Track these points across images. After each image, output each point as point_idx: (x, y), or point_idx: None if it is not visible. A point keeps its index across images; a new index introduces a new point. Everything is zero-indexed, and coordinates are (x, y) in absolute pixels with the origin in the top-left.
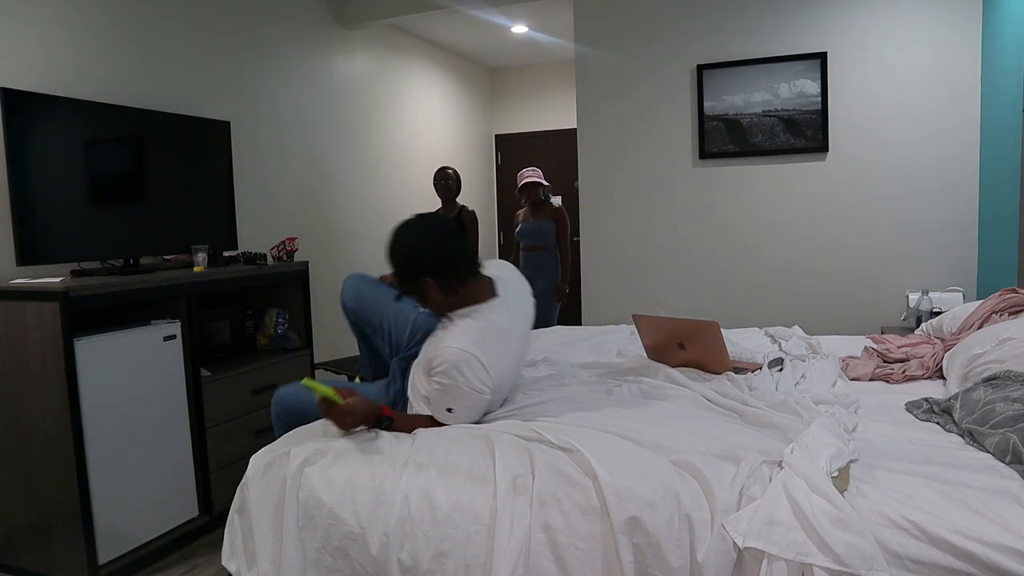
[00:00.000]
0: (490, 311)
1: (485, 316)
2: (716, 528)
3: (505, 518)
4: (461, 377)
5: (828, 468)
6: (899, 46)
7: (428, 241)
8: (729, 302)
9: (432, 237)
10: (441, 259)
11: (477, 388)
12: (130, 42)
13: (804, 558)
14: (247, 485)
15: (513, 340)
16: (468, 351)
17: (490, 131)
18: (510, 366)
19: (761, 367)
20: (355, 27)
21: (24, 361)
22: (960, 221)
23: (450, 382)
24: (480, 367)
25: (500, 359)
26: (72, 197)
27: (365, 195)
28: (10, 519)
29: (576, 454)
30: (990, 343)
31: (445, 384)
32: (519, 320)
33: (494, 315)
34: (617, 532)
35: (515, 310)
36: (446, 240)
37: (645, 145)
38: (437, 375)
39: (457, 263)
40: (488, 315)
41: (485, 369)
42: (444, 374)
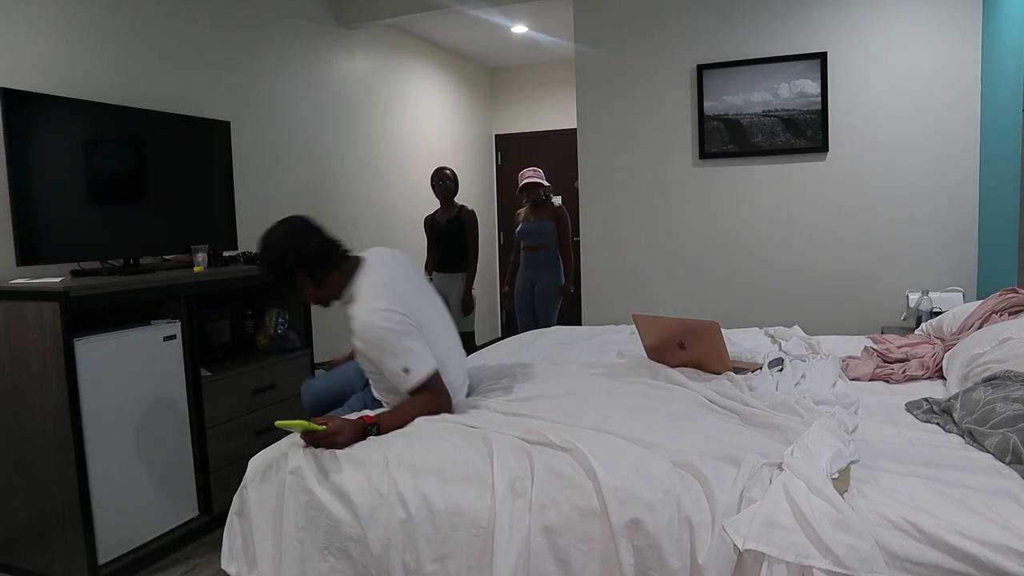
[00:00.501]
0: (366, 275)
1: (365, 280)
2: (716, 530)
3: (504, 521)
4: (382, 329)
5: (828, 469)
6: (899, 46)
7: (295, 241)
8: (729, 302)
9: (298, 237)
10: (309, 257)
11: (400, 327)
12: (130, 42)
13: (804, 560)
14: (246, 488)
15: (408, 288)
16: (367, 308)
17: (490, 131)
18: (420, 308)
19: (761, 367)
20: (355, 27)
21: (24, 361)
22: (960, 221)
23: (380, 342)
24: (386, 311)
25: (403, 301)
26: (72, 197)
27: (365, 195)
28: (10, 519)
29: (576, 453)
30: (990, 343)
31: (379, 346)
32: (404, 273)
33: (371, 275)
34: (617, 534)
35: (393, 266)
36: (311, 237)
37: (645, 145)
38: (369, 346)
39: (326, 257)
40: (366, 278)
41: (392, 309)
42: (370, 340)
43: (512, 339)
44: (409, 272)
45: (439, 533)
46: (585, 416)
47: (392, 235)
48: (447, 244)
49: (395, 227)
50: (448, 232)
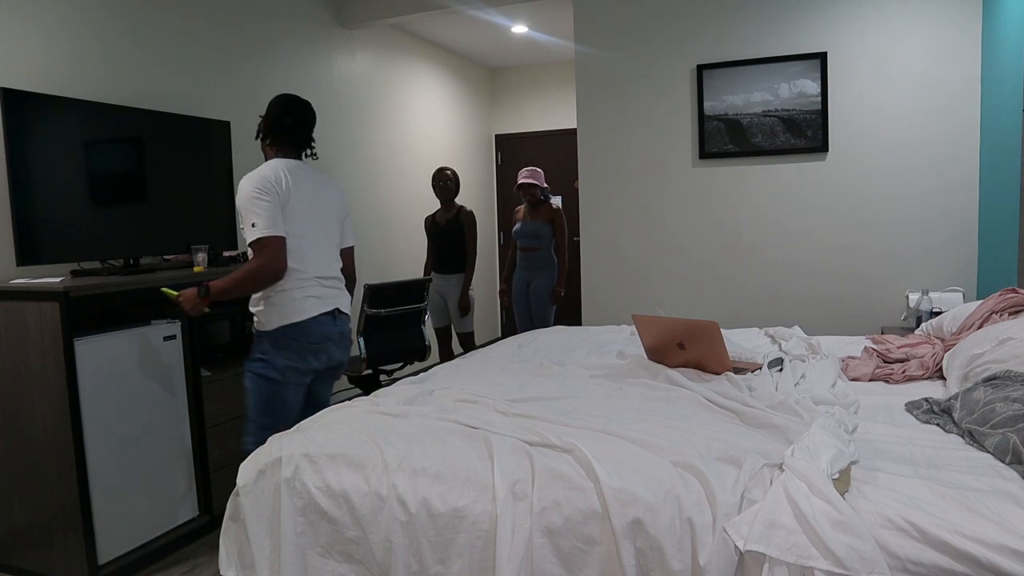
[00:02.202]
0: (272, 166)
1: (269, 164)
2: (718, 531)
3: (506, 524)
4: (249, 191)
5: (829, 470)
6: (899, 46)
7: (276, 111)
8: (729, 302)
9: (281, 110)
10: (272, 127)
11: (263, 194)
12: (130, 42)
13: (805, 561)
14: (239, 493)
15: (299, 187)
16: (249, 176)
17: (490, 131)
18: (301, 203)
19: (761, 367)
20: (355, 27)
21: (24, 361)
22: (960, 221)
23: (244, 201)
24: (260, 179)
25: (278, 183)
26: (72, 197)
27: (365, 195)
28: (10, 519)
29: (577, 454)
30: (990, 343)
31: (242, 205)
32: (308, 182)
33: (275, 163)
34: (619, 535)
35: (297, 172)
36: (287, 117)
37: (645, 145)
38: (239, 207)
39: (278, 135)
40: (271, 167)
41: (265, 179)
42: (240, 200)
43: (511, 339)
44: (311, 183)
45: (441, 536)
46: (585, 417)
47: (392, 235)
48: (446, 245)
49: (395, 227)
50: (447, 233)
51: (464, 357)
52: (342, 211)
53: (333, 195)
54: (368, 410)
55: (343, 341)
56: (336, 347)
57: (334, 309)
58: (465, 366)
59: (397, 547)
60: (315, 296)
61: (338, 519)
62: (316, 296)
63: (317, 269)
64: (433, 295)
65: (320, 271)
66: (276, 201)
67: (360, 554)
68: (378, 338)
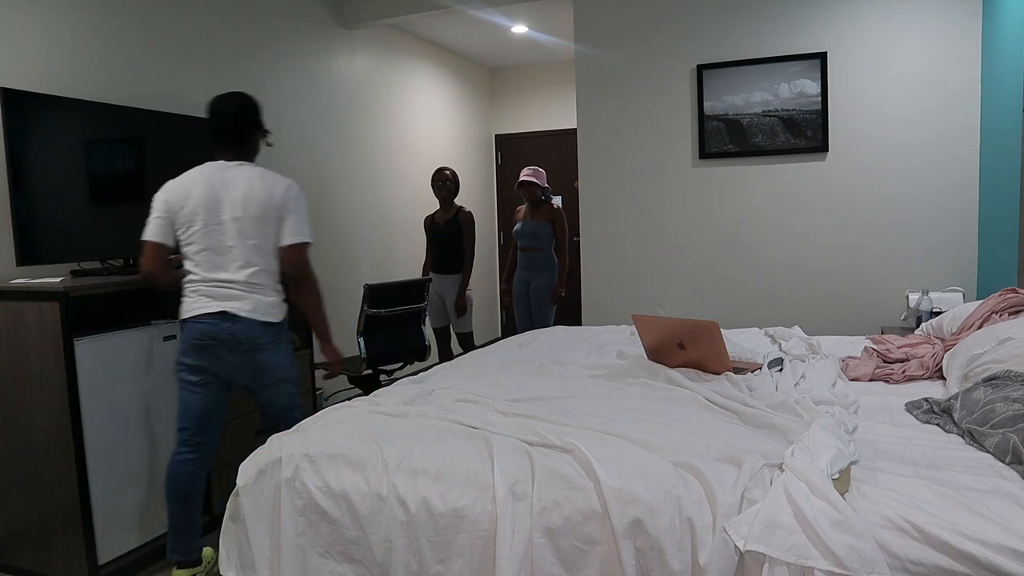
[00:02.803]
0: (182, 176)
1: (179, 178)
2: (718, 531)
3: (506, 524)
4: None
5: (829, 470)
6: (899, 46)
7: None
8: (729, 302)
9: (211, 114)
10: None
11: (153, 203)
12: (130, 42)
13: (805, 561)
14: (239, 494)
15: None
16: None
17: (490, 131)
18: (189, 210)
19: (761, 367)
20: (355, 27)
21: (24, 361)
22: (960, 221)
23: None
24: (161, 192)
25: (167, 198)
26: (72, 197)
27: (365, 195)
28: (10, 519)
29: (577, 454)
30: (990, 343)
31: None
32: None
33: (176, 181)
34: (619, 535)
35: (206, 178)
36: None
37: (645, 145)
38: None
39: (212, 138)
40: (180, 178)
41: (155, 197)
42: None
43: (511, 339)
44: (225, 186)
45: (441, 536)
46: (585, 417)
47: (392, 235)
48: (444, 245)
49: (395, 227)
50: (446, 233)
51: (464, 357)
52: (267, 210)
53: (257, 195)
54: (368, 410)
55: (240, 345)
56: (229, 350)
57: (221, 311)
58: (465, 366)
59: (397, 547)
60: (206, 296)
61: (338, 519)
62: (207, 296)
63: (209, 272)
64: (432, 295)
65: (213, 275)
66: (161, 211)
67: (360, 554)
68: (378, 338)
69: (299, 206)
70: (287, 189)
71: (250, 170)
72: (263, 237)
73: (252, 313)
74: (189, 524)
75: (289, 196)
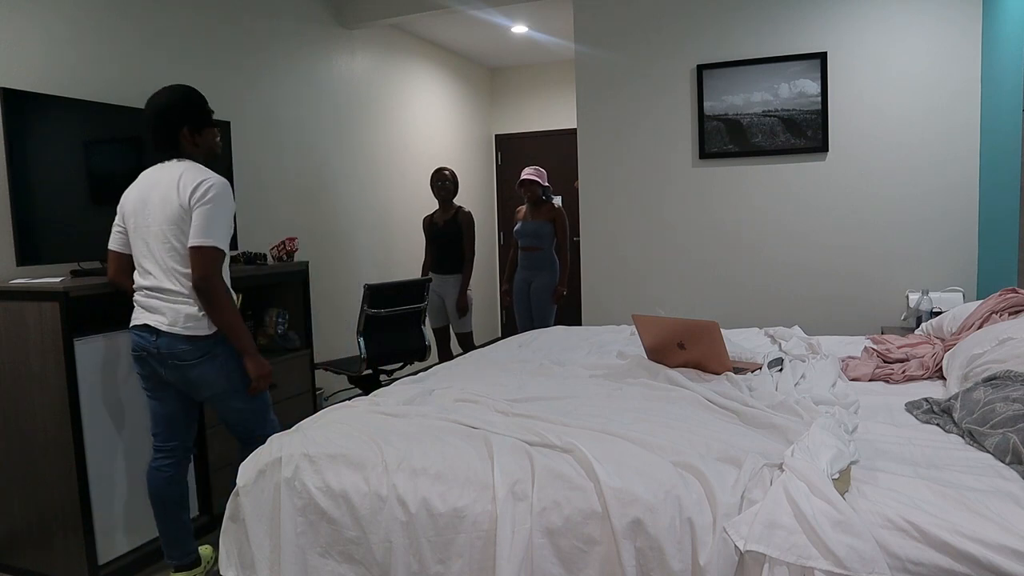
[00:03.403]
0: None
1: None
2: (718, 531)
3: (506, 524)
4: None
5: (829, 470)
6: (899, 46)
7: (181, 97)
8: (729, 302)
9: (184, 94)
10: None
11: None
12: (130, 42)
13: (805, 561)
14: (239, 494)
15: (126, 204)
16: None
17: (490, 131)
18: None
19: (761, 367)
20: (355, 27)
21: (24, 361)
22: (960, 221)
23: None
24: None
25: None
26: (72, 197)
27: (365, 195)
28: (10, 519)
29: (577, 454)
30: (990, 343)
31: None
32: (143, 188)
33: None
34: (619, 535)
35: (142, 179)
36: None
37: (645, 145)
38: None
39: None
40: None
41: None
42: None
43: (511, 339)
44: (150, 187)
45: (441, 536)
46: (585, 417)
47: (392, 235)
48: (444, 245)
49: (395, 227)
50: (445, 233)
51: (464, 357)
52: (181, 211)
53: (171, 195)
54: (368, 410)
55: (166, 360)
56: (159, 364)
57: (145, 324)
58: (465, 366)
59: (397, 547)
60: (138, 306)
61: (338, 519)
62: (138, 306)
63: (140, 279)
64: (431, 295)
65: (142, 281)
66: (118, 218)
67: (360, 554)
68: (378, 338)
69: (211, 205)
70: (199, 185)
71: (178, 168)
72: (169, 240)
73: (172, 327)
74: (177, 528)
75: (199, 193)
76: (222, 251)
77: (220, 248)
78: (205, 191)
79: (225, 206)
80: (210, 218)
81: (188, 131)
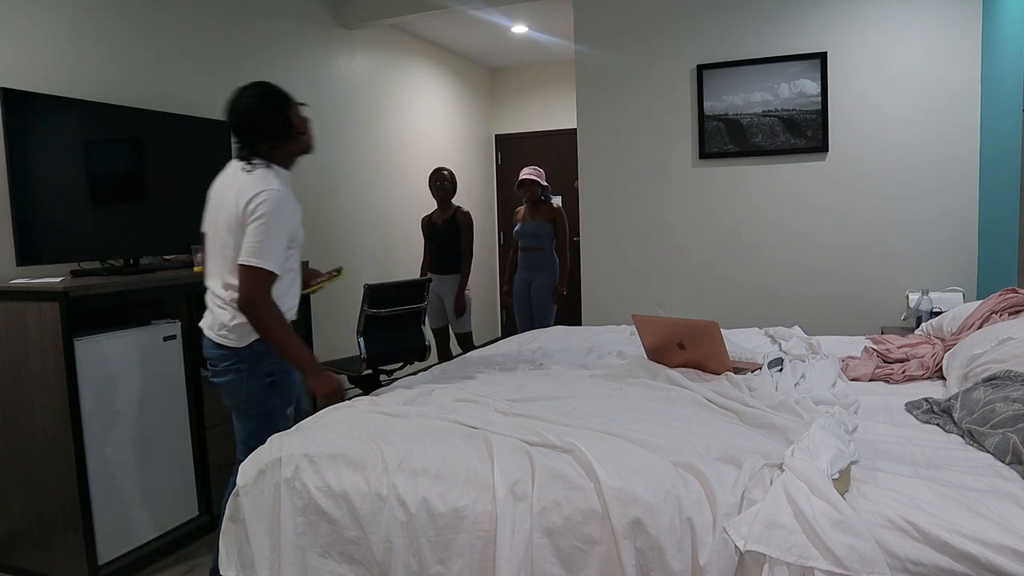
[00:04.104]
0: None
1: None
2: (718, 531)
3: (506, 524)
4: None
5: (829, 470)
6: (899, 46)
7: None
8: (729, 302)
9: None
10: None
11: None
12: (130, 42)
13: (805, 561)
14: (239, 493)
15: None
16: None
17: (490, 131)
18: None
19: (761, 367)
20: (355, 27)
21: (24, 361)
22: (960, 221)
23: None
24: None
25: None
26: (72, 197)
27: (365, 195)
28: (10, 519)
29: (577, 454)
30: (990, 343)
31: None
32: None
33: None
34: (619, 535)
35: (219, 179)
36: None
37: (645, 145)
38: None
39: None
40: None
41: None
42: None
43: (511, 339)
44: (222, 189)
45: (441, 536)
46: (585, 417)
47: (392, 235)
48: (443, 245)
49: (395, 227)
50: (444, 233)
51: (464, 357)
52: (230, 218)
53: (228, 199)
54: (368, 410)
55: (212, 366)
56: (208, 369)
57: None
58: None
59: (397, 547)
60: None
61: (338, 519)
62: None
63: (205, 280)
64: (431, 295)
65: (205, 278)
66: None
67: (360, 554)
68: (378, 338)
69: (263, 221)
70: (253, 198)
71: (240, 172)
72: (224, 248)
73: (209, 330)
74: None
75: (252, 207)
76: (272, 273)
77: (269, 270)
78: (257, 206)
79: (279, 223)
80: (262, 237)
81: (266, 146)
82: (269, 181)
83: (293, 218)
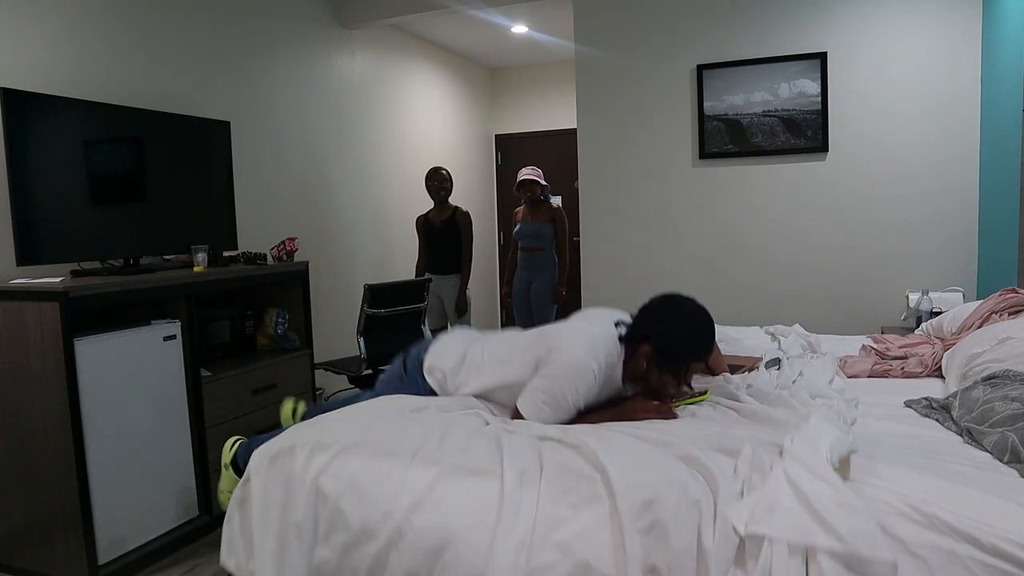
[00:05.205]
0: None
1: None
2: (720, 515)
3: (511, 510)
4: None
5: (829, 457)
6: (899, 46)
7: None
8: (729, 302)
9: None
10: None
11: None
12: (130, 42)
13: (806, 538)
14: (249, 479)
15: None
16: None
17: (490, 131)
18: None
19: (757, 362)
20: (355, 27)
21: (24, 361)
22: (960, 221)
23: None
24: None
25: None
26: (72, 197)
27: (365, 195)
28: (10, 519)
29: (584, 449)
30: (989, 342)
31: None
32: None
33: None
34: (624, 520)
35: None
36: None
37: (645, 145)
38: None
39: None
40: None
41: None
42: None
43: None
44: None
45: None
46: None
47: (391, 235)
48: (442, 245)
49: (394, 227)
50: (443, 233)
51: None
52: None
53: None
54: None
55: None
56: None
57: None
58: None
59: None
60: None
61: (346, 509)
62: None
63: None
64: (430, 296)
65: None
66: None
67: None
68: (378, 338)
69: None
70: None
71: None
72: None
73: None
74: None
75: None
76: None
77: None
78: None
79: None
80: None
81: (646, 358)
82: (579, 352)
83: (579, 380)
